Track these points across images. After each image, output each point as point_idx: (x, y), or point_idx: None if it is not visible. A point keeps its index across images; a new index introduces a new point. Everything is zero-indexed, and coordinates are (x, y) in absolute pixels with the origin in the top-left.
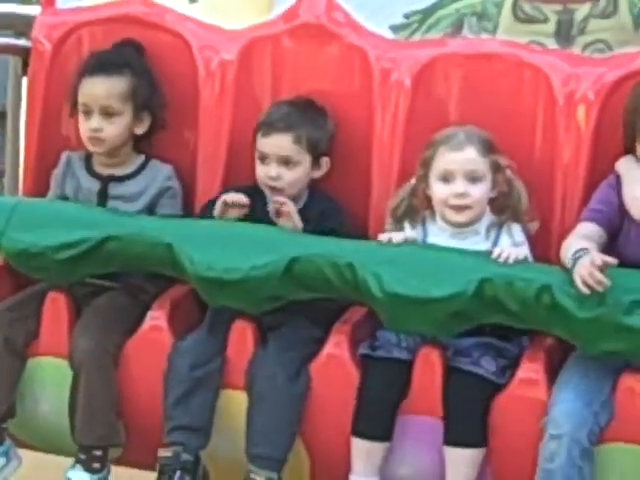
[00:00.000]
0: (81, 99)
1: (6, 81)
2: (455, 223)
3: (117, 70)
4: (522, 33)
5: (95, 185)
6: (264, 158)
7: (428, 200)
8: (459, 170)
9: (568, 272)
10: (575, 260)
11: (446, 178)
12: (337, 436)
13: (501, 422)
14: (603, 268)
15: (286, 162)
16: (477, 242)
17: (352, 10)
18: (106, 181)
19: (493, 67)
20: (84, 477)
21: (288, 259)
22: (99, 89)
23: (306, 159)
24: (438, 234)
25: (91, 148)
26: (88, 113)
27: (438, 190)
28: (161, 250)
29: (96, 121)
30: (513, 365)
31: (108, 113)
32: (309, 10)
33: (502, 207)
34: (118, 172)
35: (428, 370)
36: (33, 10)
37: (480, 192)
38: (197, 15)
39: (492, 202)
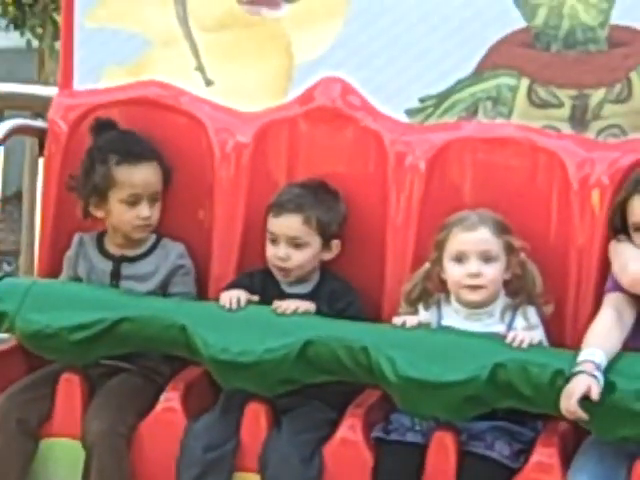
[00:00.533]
0: (128, 190)
1: (22, 162)
2: (470, 303)
3: (151, 153)
4: (537, 118)
5: (108, 265)
6: (274, 239)
7: (442, 283)
8: (472, 250)
9: None
10: (570, 375)
11: (460, 258)
12: None
13: None
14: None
15: (295, 243)
16: (491, 324)
17: (368, 94)
18: (118, 261)
19: (508, 151)
20: None
21: (302, 342)
22: (149, 176)
23: (316, 241)
24: (452, 316)
25: (138, 235)
26: (135, 203)
27: (452, 271)
28: (175, 332)
29: (147, 208)
30: (528, 449)
31: (155, 199)
32: (325, 94)
33: (516, 289)
34: (130, 252)
35: (442, 454)
36: (50, 91)
37: (494, 272)
38: (213, 98)
39: (506, 284)
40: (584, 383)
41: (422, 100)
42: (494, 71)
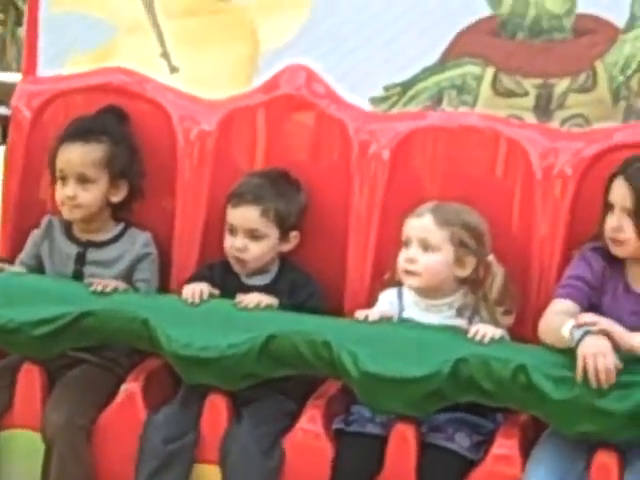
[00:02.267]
0: (58, 165)
1: None
2: (410, 288)
3: (95, 137)
4: (501, 107)
5: (73, 250)
6: (232, 230)
7: None
8: (414, 236)
9: (545, 351)
10: (584, 334)
11: (406, 243)
12: None
13: None
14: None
15: (252, 235)
16: (451, 316)
17: (333, 82)
18: (84, 246)
19: (472, 140)
20: None
21: (265, 337)
22: (75, 156)
23: (274, 232)
24: (413, 308)
25: (66, 215)
26: (64, 179)
27: (399, 256)
28: (137, 326)
29: (71, 188)
30: (488, 441)
31: (83, 180)
32: (289, 82)
33: (475, 290)
34: (97, 238)
35: (402, 446)
36: (12, 77)
37: (430, 261)
38: (178, 85)
39: (467, 282)
40: (604, 342)
41: (387, 88)
42: (459, 60)
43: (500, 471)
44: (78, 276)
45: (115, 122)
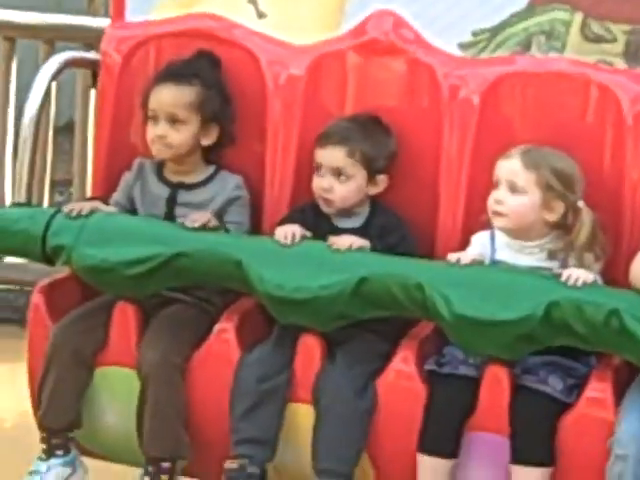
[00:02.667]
0: (150, 105)
1: (73, 93)
2: (497, 229)
3: (187, 80)
4: (590, 52)
5: (164, 191)
6: (318, 169)
7: None
8: (503, 178)
9: (638, 296)
10: None
11: (495, 184)
12: (403, 452)
13: (568, 441)
14: None
15: (338, 174)
16: (542, 259)
17: (420, 27)
18: (175, 188)
19: (561, 86)
20: None
21: (357, 279)
22: (166, 96)
23: (360, 174)
24: (505, 250)
25: (155, 154)
26: (155, 119)
27: (490, 196)
28: (231, 267)
29: (162, 128)
30: (581, 384)
31: (174, 120)
32: (377, 27)
33: (566, 234)
34: (188, 180)
35: (495, 388)
36: (100, 23)
37: (516, 203)
38: (265, 30)
39: (558, 226)
40: None
41: (475, 34)
42: (548, 5)
43: (593, 414)
44: (169, 218)
45: (208, 67)
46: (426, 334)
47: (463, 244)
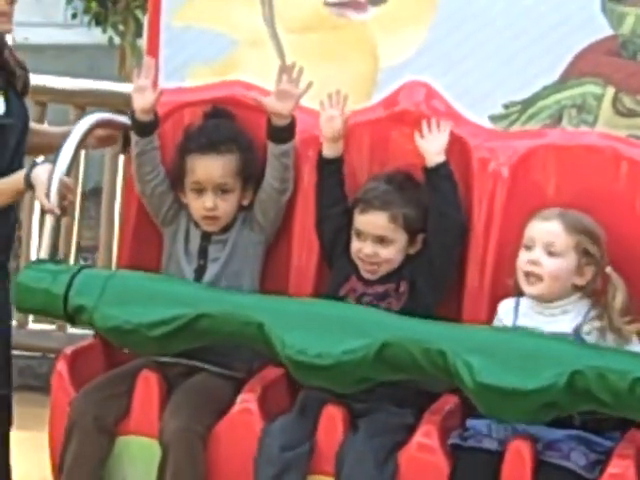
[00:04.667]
0: (194, 177)
1: (101, 159)
2: (529, 296)
3: (227, 148)
4: (622, 127)
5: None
6: (359, 235)
7: None
8: (539, 239)
9: None
10: None
11: (528, 246)
12: None
13: None
14: None
15: (381, 240)
16: (562, 320)
17: (452, 99)
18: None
19: (591, 160)
20: None
21: (379, 344)
22: (215, 168)
23: (402, 237)
24: (527, 313)
25: (206, 227)
26: (201, 191)
27: (520, 256)
28: (253, 329)
29: (211, 199)
30: (604, 460)
31: (222, 191)
32: (409, 98)
33: (596, 300)
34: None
35: (518, 463)
36: (132, 88)
37: (554, 266)
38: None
39: (583, 291)
40: None
41: (506, 106)
42: (580, 79)
43: None
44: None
45: (234, 127)
46: (449, 408)
47: (490, 309)
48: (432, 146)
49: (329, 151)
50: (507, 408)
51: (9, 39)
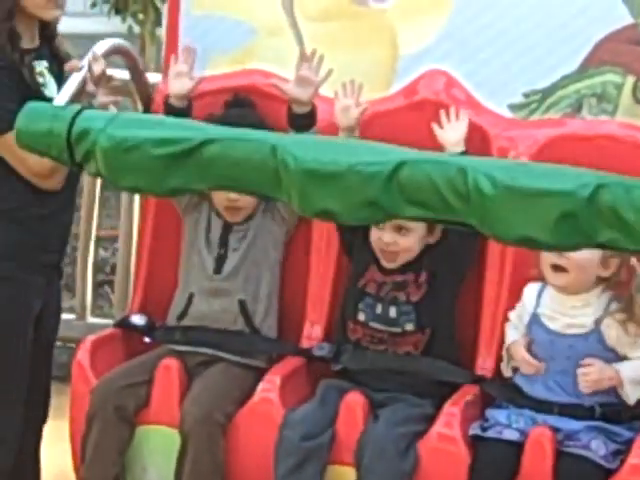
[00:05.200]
0: None
1: None
2: (555, 287)
3: None
4: None
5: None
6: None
7: None
8: None
9: None
10: None
11: None
12: None
13: None
14: None
15: (400, 229)
16: (583, 314)
17: (471, 88)
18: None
19: (611, 149)
20: None
21: (396, 162)
22: None
23: (421, 226)
24: (548, 302)
25: (228, 218)
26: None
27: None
28: (264, 152)
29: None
30: (624, 450)
31: None
32: (429, 86)
33: (619, 292)
34: None
35: (539, 453)
36: (151, 77)
37: (580, 258)
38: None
39: (607, 283)
40: None
41: (526, 95)
42: (599, 68)
43: None
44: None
45: (257, 116)
46: (469, 398)
47: (510, 298)
48: (451, 136)
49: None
50: (525, 217)
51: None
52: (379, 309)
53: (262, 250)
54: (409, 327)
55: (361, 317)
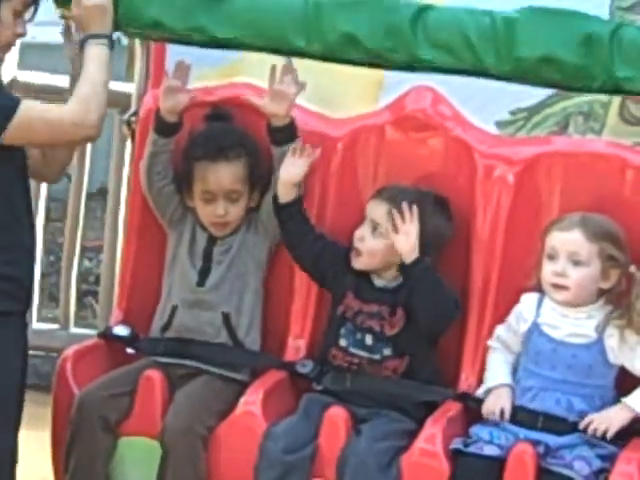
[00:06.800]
0: (204, 187)
1: (106, 161)
2: (556, 302)
3: (236, 154)
4: (628, 134)
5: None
6: (365, 219)
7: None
8: (562, 249)
9: None
10: None
11: (552, 256)
12: None
13: None
14: None
15: (374, 229)
16: (585, 325)
17: (458, 104)
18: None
19: (597, 167)
20: None
21: (424, 5)
22: (226, 176)
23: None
24: (549, 313)
25: (216, 233)
26: (212, 200)
27: (544, 267)
28: None
29: (222, 207)
30: (608, 468)
31: (232, 198)
32: (416, 102)
33: (618, 302)
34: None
35: (520, 469)
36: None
37: (580, 275)
38: (303, 102)
39: (607, 294)
40: None
41: (513, 113)
42: None
43: None
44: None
45: (239, 130)
46: (452, 414)
47: (495, 314)
48: (405, 245)
49: (286, 197)
50: (550, 35)
51: None
52: (358, 335)
53: (246, 263)
54: (387, 352)
55: (342, 343)
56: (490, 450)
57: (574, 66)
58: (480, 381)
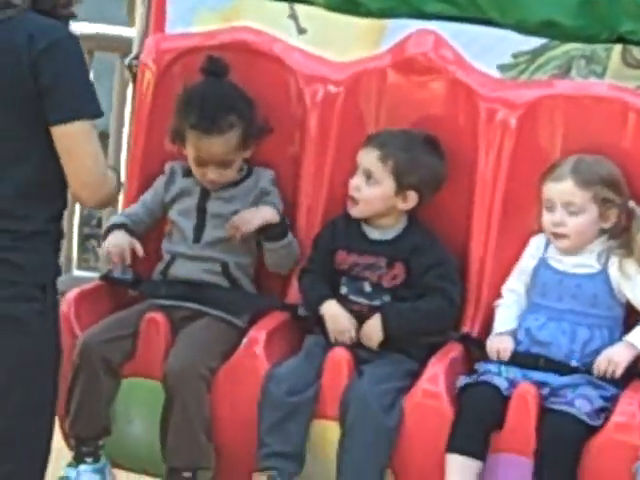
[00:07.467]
0: (195, 154)
1: (108, 102)
2: (557, 249)
3: (229, 123)
4: (630, 78)
5: (197, 189)
6: (357, 169)
7: None
8: (557, 200)
9: None
10: None
11: (549, 207)
12: (428, 470)
13: (593, 465)
14: None
15: (368, 176)
16: (590, 259)
17: (460, 48)
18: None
19: (599, 110)
20: None
21: None
22: (217, 148)
23: (388, 182)
24: (555, 252)
25: (210, 188)
26: (203, 165)
27: (543, 218)
28: None
29: (214, 172)
30: (610, 408)
31: (225, 164)
32: (417, 45)
33: (620, 236)
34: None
35: (522, 408)
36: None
37: (577, 223)
38: (305, 46)
39: (609, 230)
40: None
41: (515, 56)
42: None
43: (620, 439)
44: (202, 211)
45: (233, 92)
46: (454, 355)
47: (496, 256)
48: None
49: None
50: None
51: None
52: (357, 284)
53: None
54: (387, 299)
55: (343, 290)
56: (499, 382)
57: (576, 27)
58: (483, 323)
